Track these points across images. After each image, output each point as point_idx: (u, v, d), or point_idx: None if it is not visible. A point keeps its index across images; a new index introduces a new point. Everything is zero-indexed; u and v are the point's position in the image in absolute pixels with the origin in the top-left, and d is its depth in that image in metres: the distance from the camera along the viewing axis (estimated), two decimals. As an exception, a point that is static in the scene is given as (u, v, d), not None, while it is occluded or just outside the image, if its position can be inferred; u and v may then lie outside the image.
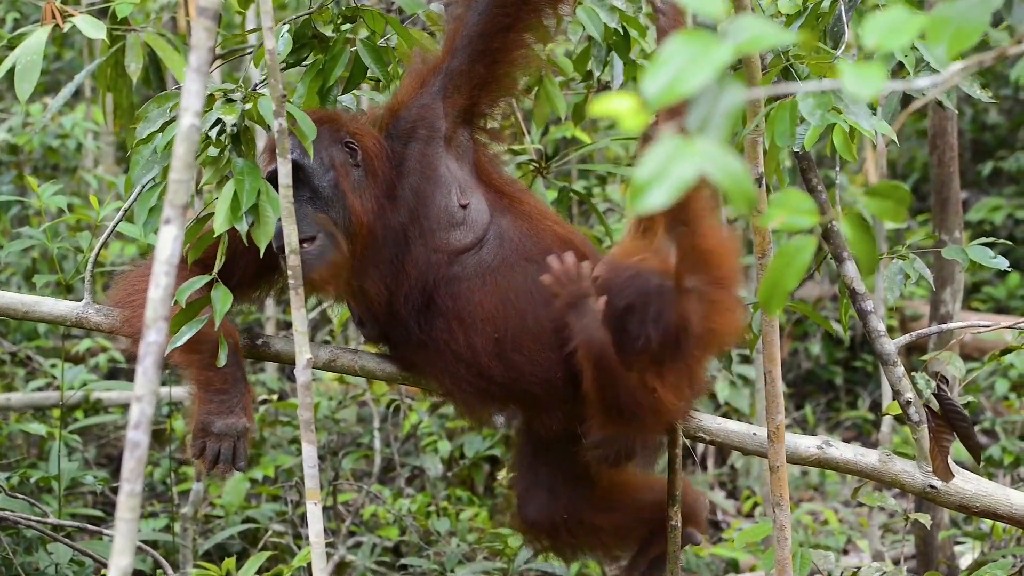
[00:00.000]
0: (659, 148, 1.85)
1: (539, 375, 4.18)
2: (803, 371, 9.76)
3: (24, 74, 4.39)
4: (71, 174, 9.29)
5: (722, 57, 1.87)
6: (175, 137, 2.34)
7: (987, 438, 8.24)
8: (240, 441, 4.13)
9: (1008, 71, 9.80)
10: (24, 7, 9.20)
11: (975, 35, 2.02)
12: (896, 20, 2.01)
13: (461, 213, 4.23)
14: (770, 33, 1.92)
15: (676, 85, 1.85)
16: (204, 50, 2.38)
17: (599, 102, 1.89)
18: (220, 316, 3.95)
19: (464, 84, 4.29)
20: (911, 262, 4.37)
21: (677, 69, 1.86)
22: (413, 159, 4.26)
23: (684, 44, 1.87)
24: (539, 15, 4.32)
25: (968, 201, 11.37)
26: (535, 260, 4.21)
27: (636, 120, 1.87)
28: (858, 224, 2.15)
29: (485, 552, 6.31)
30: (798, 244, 2.09)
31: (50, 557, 5.41)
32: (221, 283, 3.98)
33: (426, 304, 4.21)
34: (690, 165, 1.84)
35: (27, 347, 7.82)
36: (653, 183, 1.84)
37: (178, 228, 2.33)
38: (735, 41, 1.90)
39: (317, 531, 3.51)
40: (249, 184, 3.90)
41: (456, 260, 4.21)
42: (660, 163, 1.85)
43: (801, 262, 2.09)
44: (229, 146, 3.98)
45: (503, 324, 4.16)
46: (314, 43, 4.52)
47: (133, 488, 2.30)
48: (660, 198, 1.84)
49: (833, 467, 4.42)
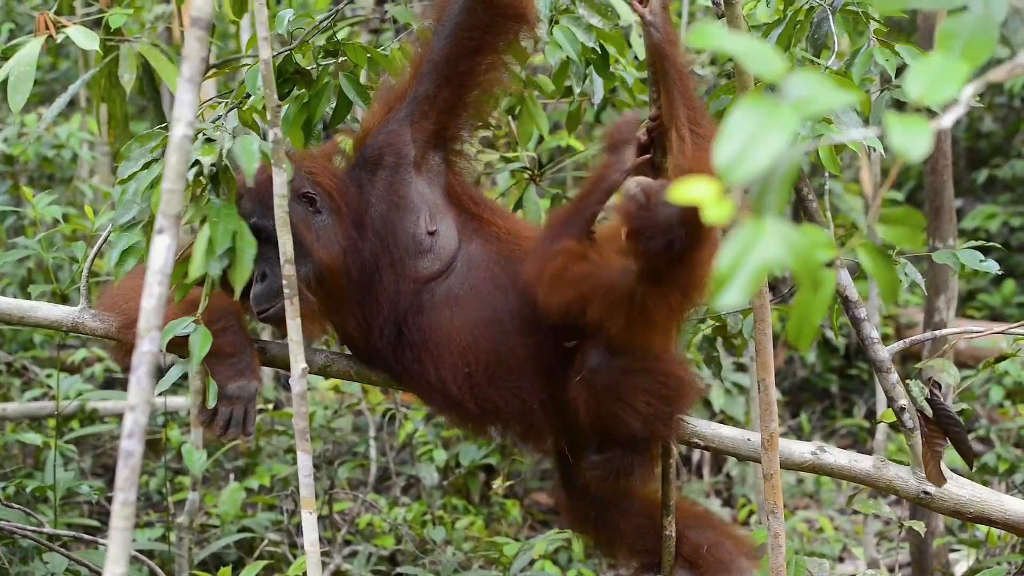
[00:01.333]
0: (736, 236, 1.80)
1: (515, 406, 4.20)
2: (799, 379, 9.76)
3: (17, 85, 4.40)
4: (66, 184, 9.29)
5: (789, 124, 1.81)
6: (168, 148, 2.35)
7: (982, 445, 8.24)
8: (251, 405, 4.15)
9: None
10: (19, 18, 9.21)
11: (985, 52, 1.98)
12: (944, 68, 1.94)
13: (429, 240, 4.23)
14: (832, 92, 1.87)
15: (747, 156, 1.80)
16: (196, 60, 2.39)
17: (680, 187, 1.82)
18: (198, 360, 3.94)
19: (431, 109, 4.28)
20: (902, 267, 4.38)
21: (746, 139, 1.81)
22: (380, 186, 4.27)
23: (750, 111, 1.83)
24: (505, 38, 4.32)
25: (963, 209, 11.38)
26: (504, 286, 4.21)
27: (722, 209, 1.81)
28: (875, 254, 2.12)
29: (481, 561, 6.30)
30: (821, 278, 2.06)
31: (46, 567, 5.40)
32: (203, 325, 3.99)
33: (397, 335, 4.22)
34: (767, 250, 1.80)
35: (23, 357, 7.81)
36: (732, 274, 1.80)
37: (171, 238, 2.34)
38: (797, 103, 1.85)
39: (312, 540, 3.51)
40: (224, 227, 3.90)
41: (424, 288, 4.21)
42: (738, 252, 1.80)
43: (824, 296, 2.05)
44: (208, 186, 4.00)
45: (474, 358, 4.16)
46: (297, 78, 4.54)
47: (127, 497, 2.31)
48: (740, 291, 1.80)
49: (827, 473, 4.42)
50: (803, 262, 1.84)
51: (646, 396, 4.02)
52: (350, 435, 7.58)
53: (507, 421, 4.25)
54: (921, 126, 1.87)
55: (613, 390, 4.00)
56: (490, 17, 4.23)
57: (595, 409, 4.04)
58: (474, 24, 4.22)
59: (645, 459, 4.25)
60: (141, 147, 4.13)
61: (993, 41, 1.98)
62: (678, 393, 4.12)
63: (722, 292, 1.80)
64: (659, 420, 4.09)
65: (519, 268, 4.21)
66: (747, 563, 4.52)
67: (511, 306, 4.19)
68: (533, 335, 4.18)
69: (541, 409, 4.20)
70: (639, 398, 4.02)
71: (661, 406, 4.07)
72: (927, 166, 6.13)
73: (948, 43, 2.00)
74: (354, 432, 7.66)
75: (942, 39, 2.01)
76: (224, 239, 3.89)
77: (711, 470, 8.37)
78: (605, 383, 4.00)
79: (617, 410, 4.01)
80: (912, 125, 1.87)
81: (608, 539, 4.53)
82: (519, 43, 4.44)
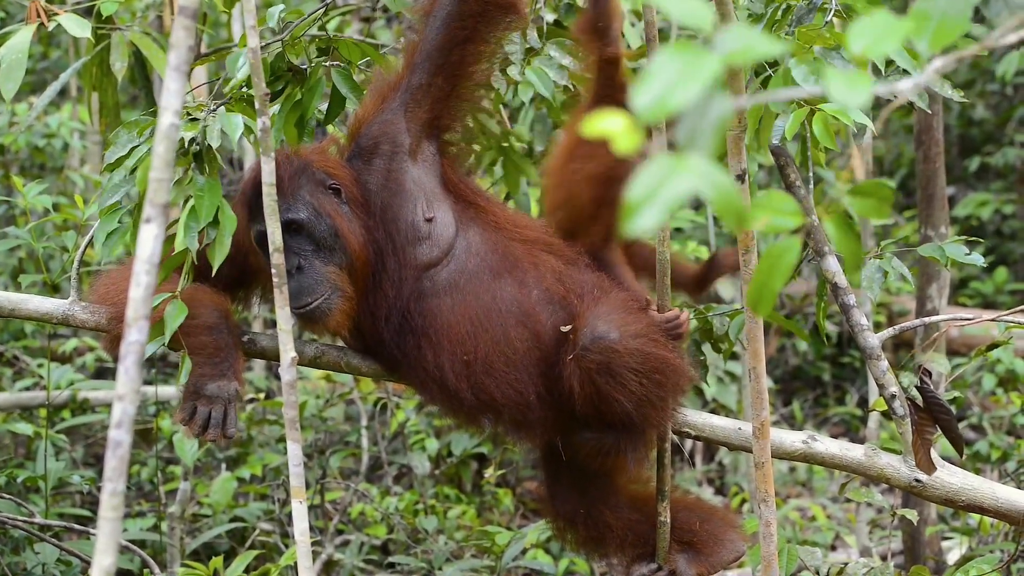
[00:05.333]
0: (651, 167, 1.85)
1: (511, 397, 4.21)
2: (791, 367, 9.77)
3: (8, 73, 4.39)
4: (57, 173, 9.27)
5: (712, 69, 1.85)
6: (154, 136, 2.35)
7: (974, 433, 8.25)
8: (231, 406, 4.13)
9: (995, 66, 9.81)
10: (10, 6, 9.17)
11: (958, 30, 2.02)
12: (882, 25, 2.00)
13: (426, 227, 4.24)
14: (759, 43, 1.91)
15: (666, 99, 1.84)
16: (184, 49, 2.38)
17: (591, 122, 1.87)
18: (171, 332, 3.97)
19: (425, 98, 4.31)
20: (888, 260, 4.38)
21: (666, 83, 1.84)
22: (378, 176, 4.29)
23: (673, 57, 1.86)
24: (496, 27, 4.36)
25: (955, 196, 11.38)
26: (503, 275, 4.24)
27: (630, 140, 1.85)
28: (841, 222, 2.15)
29: (473, 550, 6.31)
30: (784, 245, 2.09)
31: (37, 557, 5.40)
32: (179, 299, 4.00)
33: (401, 323, 4.23)
34: (683, 183, 1.83)
35: (14, 347, 7.80)
36: (645, 203, 1.83)
37: (159, 227, 2.33)
38: (723, 52, 1.89)
39: (303, 529, 3.51)
40: (208, 201, 3.91)
41: (424, 275, 4.23)
42: (653, 182, 1.84)
43: (787, 263, 2.09)
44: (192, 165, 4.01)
45: (473, 347, 4.18)
46: (289, 76, 4.53)
47: (116, 487, 2.30)
48: (652, 219, 1.83)
49: (819, 462, 4.43)
50: (722, 197, 1.86)
51: (638, 377, 4.05)
52: (342, 424, 7.58)
53: (502, 413, 4.26)
54: (862, 81, 1.92)
55: (605, 368, 4.03)
56: (481, 6, 4.25)
57: (588, 389, 4.07)
58: (466, 13, 4.25)
59: (637, 445, 4.27)
60: (129, 133, 4.12)
61: (965, 19, 2.01)
62: (669, 376, 4.14)
63: (634, 217, 1.83)
64: (651, 404, 4.11)
65: (518, 257, 4.25)
66: (738, 536, 4.56)
67: (510, 295, 4.21)
68: (531, 326, 4.19)
69: (537, 402, 4.21)
70: (631, 378, 4.04)
71: (653, 388, 4.09)
72: (919, 154, 6.11)
73: (922, 23, 2.02)
74: (346, 421, 7.66)
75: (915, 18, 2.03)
76: (208, 214, 3.90)
77: (703, 458, 8.38)
78: (597, 362, 4.03)
79: (610, 390, 4.04)
80: (853, 79, 1.93)
81: (598, 536, 4.54)
82: (509, 33, 4.49)
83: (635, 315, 4.17)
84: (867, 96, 1.91)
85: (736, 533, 4.58)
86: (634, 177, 1.85)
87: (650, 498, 4.46)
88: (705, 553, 4.52)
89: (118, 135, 4.14)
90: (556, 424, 4.28)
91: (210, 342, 4.12)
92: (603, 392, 4.05)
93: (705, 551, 4.52)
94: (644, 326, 4.15)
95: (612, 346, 4.03)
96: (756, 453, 3.88)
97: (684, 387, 4.26)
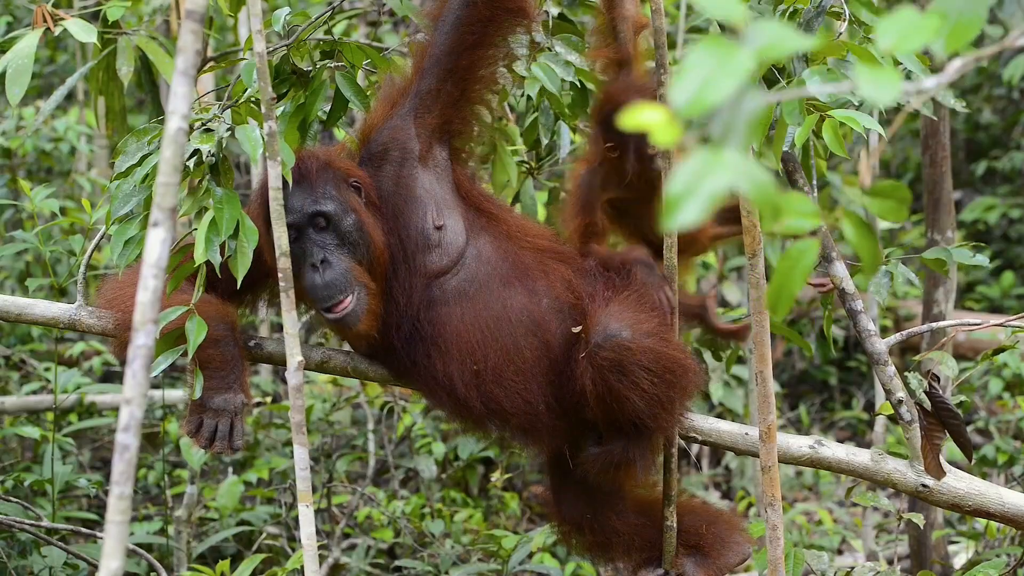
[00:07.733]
0: (690, 162, 1.85)
1: (520, 406, 4.21)
2: (797, 371, 9.76)
3: (15, 78, 4.40)
4: (64, 177, 9.29)
5: (746, 64, 1.86)
6: (163, 140, 2.35)
7: (981, 437, 8.24)
8: (237, 419, 4.14)
9: (1001, 71, 9.80)
10: (16, 11, 9.19)
11: (974, 30, 2.02)
12: (912, 22, 1.99)
13: (437, 235, 4.24)
14: (789, 37, 1.92)
15: (703, 94, 1.85)
16: (191, 53, 2.38)
17: (631, 114, 1.87)
18: (193, 348, 3.97)
19: (435, 104, 4.30)
20: (894, 265, 4.38)
21: (703, 78, 1.86)
22: (389, 182, 4.29)
23: (707, 52, 1.87)
24: (505, 32, 4.36)
25: (962, 201, 11.37)
26: (513, 284, 4.24)
27: (669, 133, 1.86)
28: (858, 225, 2.14)
29: (479, 554, 6.31)
30: (802, 247, 2.09)
31: (44, 560, 5.41)
32: (196, 314, 3.99)
33: (411, 331, 4.22)
34: (721, 178, 1.84)
35: (21, 350, 7.81)
36: (686, 198, 1.84)
37: (166, 231, 2.33)
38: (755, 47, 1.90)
39: (309, 533, 3.52)
40: (228, 214, 3.91)
41: (434, 283, 4.23)
42: (692, 178, 1.84)
43: (806, 265, 2.08)
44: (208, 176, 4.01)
45: (483, 356, 4.18)
46: (293, 78, 4.54)
47: (123, 491, 2.30)
48: (693, 214, 1.84)
49: (825, 467, 4.42)
50: (760, 192, 1.87)
51: (649, 376, 4.05)
52: (348, 428, 7.58)
53: (511, 421, 4.25)
54: (892, 76, 1.93)
55: (618, 366, 4.04)
56: (491, 11, 4.25)
57: (600, 388, 4.07)
58: (475, 18, 4.24)
59: (645, 452, 4.26)
60: (138, 141, 4.12)
61: (981, 19, 2.01)
62: (680, 377, 4.14)
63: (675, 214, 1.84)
64: (662, 404, 4.10)
65: (528, 265, 4.25)
66: (744, 539, 4.56)
67: (520, 304, 4.20)
68: (541, 335, 4.19)
69: (546, 411, 4.21)
70: (643, 376, 4.04)
71: (664, 388, 4.09)
72: (925, 158, 6.11)
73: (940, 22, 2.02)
74: (352, 425, 7.65)
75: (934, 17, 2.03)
76: (228, 227, 3.90)
77: (710, 462, 8.38)
78: (610, 359, 4.03)
79: (622, 388, 4.04)
80: (882, 75, 1.93)
81: (604, 540, 4.53)
82: (519, 37, 4.48)
83: (647, 314, 4.17)
84: (897, 93, 1.91)
85: (742, 536, 4.59)
86: (673, 173, 1.86)
87: (656, 502, 4.46)
88: (712, 557, 4.52)
89: (127, 143, 4.14)
90: (564, 432, 4.28)
91: (216, 355, 4.12)
92: (615, 391, 4.05)
93: (712, 555, 4.52)
94: (656, 325, 4.14)
95: (625, 344, 4.03)
96: (763, 457, 3.87)
97: (694, 389, 4.26)
